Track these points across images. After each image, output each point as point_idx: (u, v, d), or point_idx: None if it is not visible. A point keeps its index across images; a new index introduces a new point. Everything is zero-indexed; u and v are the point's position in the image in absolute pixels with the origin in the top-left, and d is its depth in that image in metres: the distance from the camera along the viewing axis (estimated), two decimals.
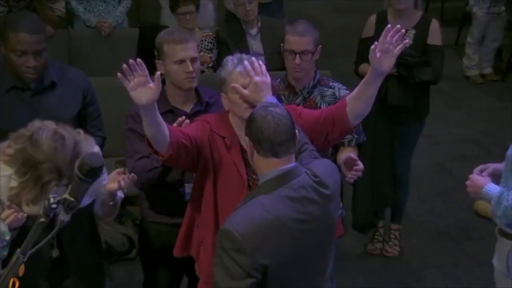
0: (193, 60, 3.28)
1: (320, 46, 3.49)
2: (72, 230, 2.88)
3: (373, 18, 4.64)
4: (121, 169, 2.95)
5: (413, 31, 4.52)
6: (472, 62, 7.77)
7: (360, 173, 3.25)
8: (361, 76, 4.50)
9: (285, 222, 2.43)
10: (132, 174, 2.95)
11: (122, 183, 2.88)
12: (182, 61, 3.25)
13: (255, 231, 2.38)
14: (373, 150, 4.62)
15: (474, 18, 7.61)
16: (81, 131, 2.88)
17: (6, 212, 2.73)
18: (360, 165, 3.23)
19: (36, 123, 2.79)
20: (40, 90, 3.35)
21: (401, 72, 4.46)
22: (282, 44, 3.55)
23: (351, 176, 3.25)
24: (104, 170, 2.99)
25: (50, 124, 2.78)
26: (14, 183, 2.77)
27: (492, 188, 3.08)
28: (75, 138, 2.78)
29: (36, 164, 2.70)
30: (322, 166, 2.63)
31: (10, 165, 2.76)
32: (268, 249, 2.40)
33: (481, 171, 3.21)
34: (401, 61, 4.40)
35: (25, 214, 2.73)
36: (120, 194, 3.06)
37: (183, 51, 3.25)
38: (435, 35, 4.57)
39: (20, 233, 2.79)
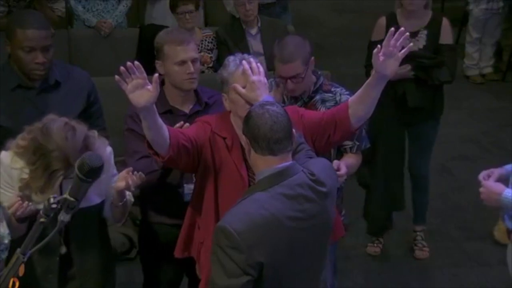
0: (194, 61, 3.27)
1: (312, 58, 3.39)
2: (79, 228, 2.92)
3: (382, 20, 4.53)
4: (130, 168, 2.97)
5: (425, 32, 4.49)
6: (472, 62, 7.76)
7: (341, 179, 3.18)
8: None
9: (281, 220, 2.44)
10: (140, 173, 2.95)
11: (130, 182, 2.90)
12: (183, 62, 3.25)
13: (252, 228, 2.39)
14: (386, 153, 4.63)
15: (471, 15, 7.59)
16: (96, 131, 2.92)
17: (12, 200, 2.78)
18: (342, 171, 3.19)
19: (50, 116, 2.85)
20: (45, 89, 3.36)
21: (419, 75, 4.45)
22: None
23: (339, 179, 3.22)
24: (115, 171, 3.02)
25: (63, 118, 2.84)
26: (25, 176, 2.82)
27: (511, 194, 3.00)
28: (87, 132, 2.83)
29: (46, 152, 2.75)
30: (319, 165, 2.65)
31: (22, 157, 2.82)
32: (264, 246, 2.41)
33: (488, 177, 3.13)
34: (418, 64, 4.41)
35: (30, 204, 2.77)
36: (130, 198, 3.07)
37: (185, 52, 3.25)
38: (447, 34, 4.55)
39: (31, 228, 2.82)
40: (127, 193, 3.03)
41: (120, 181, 2.92)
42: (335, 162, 3.24)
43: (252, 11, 5.16)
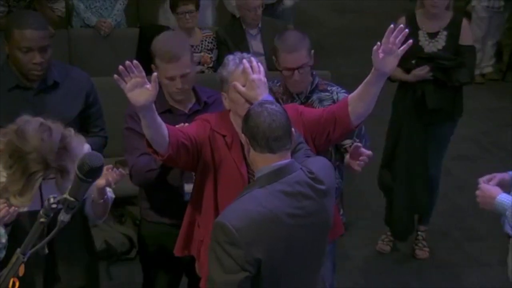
0: (184, 75, 3.21)
1: (312, 51, 3.40)
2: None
3: (402, 20, 4.48)
4: (109, 165, 2.93)
5: (445, 32, 4.48)
6: None
7: (367, 159, 3.14)
8: (392, 80, 4.47)
9: (280, 217, 2.45)
10: (120, 170, 2.95)
11: (110, 179, 2.89)
12: (172, 79, 3.21)
13: (250, 225, 2.40)
14: (408, 155, 4.61)
15: (474, 13, 7.55)
16: (72, 129, 2.87)
17: None
18: (367, 152, 3.15)
19: (24, 117, 2.80)
20: (43, 89, 3.36)
21: (438, 76, 4.44)
22: (274, 58, 3.46)
23: (358, 163, 3.16)
24: None
25: (37, 118, 2.79)
26: (3, 179, 2.78)
27: (506, 198, 2.99)
28: (64, 131, 2.78)
29: (23, 155, 2.71)
30: (318, 163, 2.66)
31: None
32: (262, 243, 2.42)
33: (488, 181, 3.12)
34: (436, 65, 4.40)
35: (16, 209, 2.75)
36: (111, 194, 3.06)
37: (173, 70, 3.19)
38: (466, 35, 4.54)
39: (13, 231, 2.80)
40: (108, 189, 3.01)
41: (101, 178, 2.88)
42: (355, 144, 3.18)
43: (260, 15, 5.19)
